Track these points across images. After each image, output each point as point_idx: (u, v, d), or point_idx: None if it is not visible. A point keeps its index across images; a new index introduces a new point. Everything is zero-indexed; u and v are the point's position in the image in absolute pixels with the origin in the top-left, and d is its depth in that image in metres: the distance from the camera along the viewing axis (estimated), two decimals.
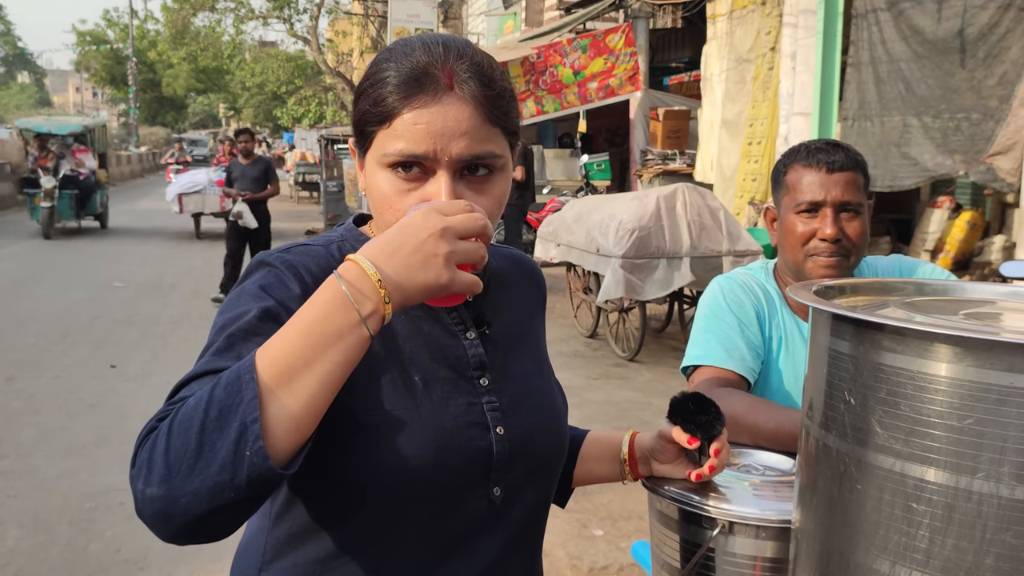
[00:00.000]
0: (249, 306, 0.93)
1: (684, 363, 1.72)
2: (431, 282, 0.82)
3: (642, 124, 11.79)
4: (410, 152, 0.94)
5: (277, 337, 0.81)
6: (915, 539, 0.80)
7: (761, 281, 1.74)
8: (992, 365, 0.74)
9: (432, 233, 0.82)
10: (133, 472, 0.80)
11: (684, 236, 6.32)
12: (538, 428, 1.08)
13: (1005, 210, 8.46)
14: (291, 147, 31.93)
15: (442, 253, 0.82)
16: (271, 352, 0.80)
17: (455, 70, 0.95)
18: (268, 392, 0.78)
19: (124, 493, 4.04)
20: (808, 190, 1.62)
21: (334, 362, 0.80)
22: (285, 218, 17.89)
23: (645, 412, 5.45)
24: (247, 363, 0.80)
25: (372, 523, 0.99)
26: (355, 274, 0.81)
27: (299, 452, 0.81)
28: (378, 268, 0.81)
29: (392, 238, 0.83)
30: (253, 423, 0.76)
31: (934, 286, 1.06)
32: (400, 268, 0.81)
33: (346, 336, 0.80)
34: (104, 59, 46.55)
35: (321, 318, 0.80)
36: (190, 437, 0.77)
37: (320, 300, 0.81)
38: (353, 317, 0.80)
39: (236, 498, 0.77)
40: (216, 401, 0.78)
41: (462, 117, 0.94)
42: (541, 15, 17.45)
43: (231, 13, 25.69)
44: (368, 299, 0.81)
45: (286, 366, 0.79)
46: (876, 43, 7.59)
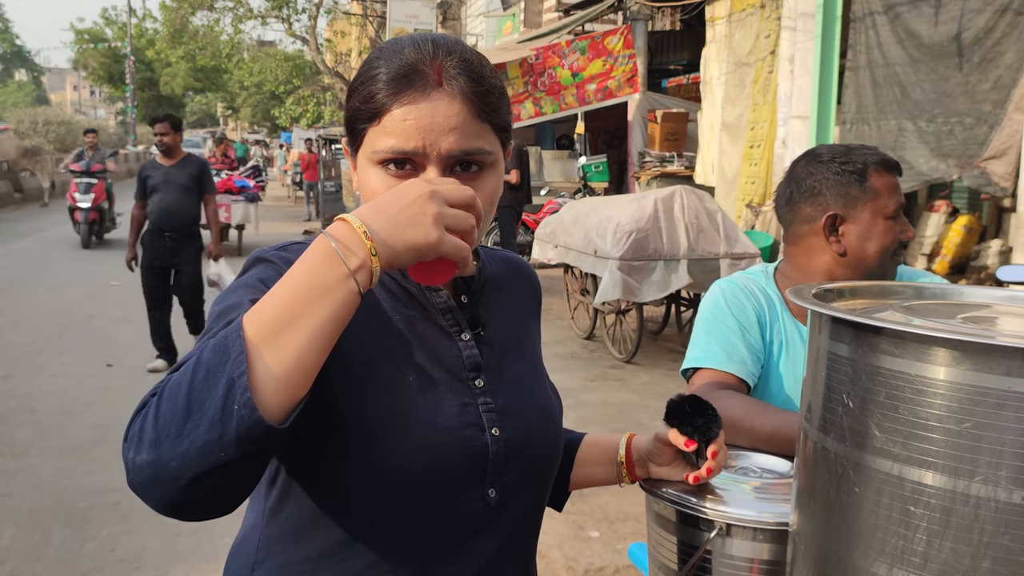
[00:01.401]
0: (245, 296, 0.93)
1: (684, 365, 1.72)
2: (419, 239, 0.82)
3: (640, 126, 11.80)
4: (400, 148, 0.95)
5: (266, 296, 0.81)
6: (913, 542, 0.80)
7: (762, 285, 1.74)
8: (990, 369, 0.74)
9: (421, 195, 0.83)
10: (125, 445, 0.79)
11: (681, 238, 6.33)
12: (533, 430, 1.08)
13: (1002, 214, 8.48)
14: (283, 146, 31.92)
15: (431, 213, 0.82)
16: (258, 310, 0.80)
17: (444, 66, 0.96)
18: (255, 349, 0.77)
19: (120, 492, 4.04)
20: (896, 195, 1.65)
21: (323, 317, 0.79)
22: (282, 218, 17.88)
23: (642, 414, 5.45)
24: (235, 324, 0.79)
25: (366, 523, 0.98)
26: (343, 230, 0.81)
27: (291, 410, 0.80)
28: (365, 224, 0.81)
29: (381, 199, 0.84)
30: (240, 376, 0.75)
31: (932, 290, 1.06)
32: (388, 224, 0.82)
33: (334, 290, 0.79)
34: (102, 57, 46.50)
35: (308, 273, 0.80)
36: (178, 400, 0.76)
37: (308, 257, 0.81)
38: (341, 270, 0.79)
39: (226, 457, 0.75)
40: (204, 362, 0.77)
41: (451, 112, 0.95)
42: (540, 16, 17.46)
43: (230, 12, 25.70)
44: (355, 253, 0.80)
45: (273, 321, 0.78)
46: (873, 47, 7.61)
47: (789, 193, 1.72)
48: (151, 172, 6.24)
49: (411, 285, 1.05)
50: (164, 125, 6.17)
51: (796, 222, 1.72)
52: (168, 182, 6.15)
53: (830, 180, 1.65)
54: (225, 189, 11.78)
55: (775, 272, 1.78)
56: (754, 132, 9.52)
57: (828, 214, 1.65)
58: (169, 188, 6.14)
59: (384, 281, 1.04)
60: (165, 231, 6.17)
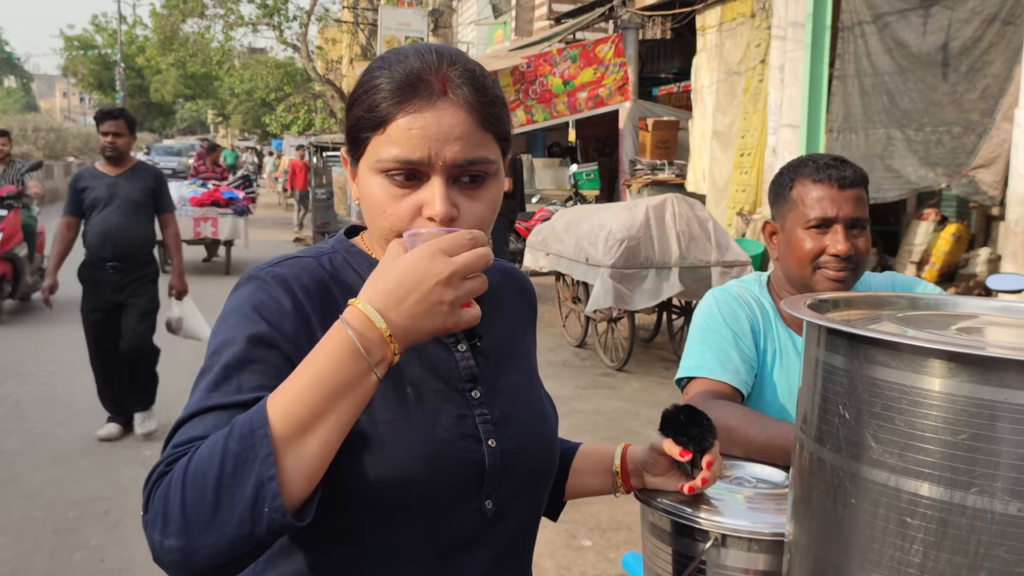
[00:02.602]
0: (241, 331, 0.94)
1: (679, 374, 1.73)
2: (436, 328, 0.84)
3: (631, 134, 11.84)
4: (405, 158, 0.94)
5: (289, 387, 0.82)
6: (909, 553, 0.80)
7: (755, 294, 1.75)
8: (986, 380, 0.75)
9: (439, 280, 0.82)
10: (147, 518, 0.83)
11: (673, 246, 6.34)
12: (529, 440, 1.08)
13: (990, 223, 8.53)
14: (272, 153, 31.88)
15: (449, 300, 0.83)
16: (283, 404, 0.81)
17: (448, 76, 0.96)
18: (282, 446, 0.80)
19: (109, 502, 4.01)
20: (819, 206, 1.62)
21: (346, 412, 0.82)
22: (272, 226, 17.85)
23: (634, 422, 5.45)
24: (260, 416, 0.81)
25: (362, 535, 0.98)
26: (363, 324, 0.82)
27: (311, 498, 0.84)
28: (385, 319, 0.82)
29: (398, 283, 0.83)
30: (270, 481, 0.78)
31: (926, 300, 1.07)
32: (406, 317, 0.83)
33: (356, 386, 0.82)
34: (92, 64, 46.35)
35: (332, 370, 0.81)
36: (206, 491, 0.79)
37: (329, 351, 0.82)
38: (363, 366, 0.82)
39: (253, 547, 0.81)
40: (231, 455, 0.79)
41: (456, 122, 0.95)
42: (531, 25, 17.51)
43: (220, 20, 25.66)
44: (378, 350, 0.82)
45: (299, 419, 0.81)
46: (862, 56, 7.66)
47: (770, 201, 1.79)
48: (90, 183, 4.75)
49: None
50: (118, 123, 4.68)
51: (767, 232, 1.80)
52: (114, 197, 4.70)
53: (772, 190, 1.72)
54: (212, 201, 11.10)
55: (768, 281, 1.79)
56: (745, 140, 9.56)
57: (765, 221, 1.74)
58: (115, 205, 4.70)
59: None
60: (108, 261, 4.71)
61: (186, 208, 10.77)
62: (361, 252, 1.07)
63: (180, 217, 10.81)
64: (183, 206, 10.71)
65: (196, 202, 11.01)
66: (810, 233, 1.63)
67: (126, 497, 4.06)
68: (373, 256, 1.07)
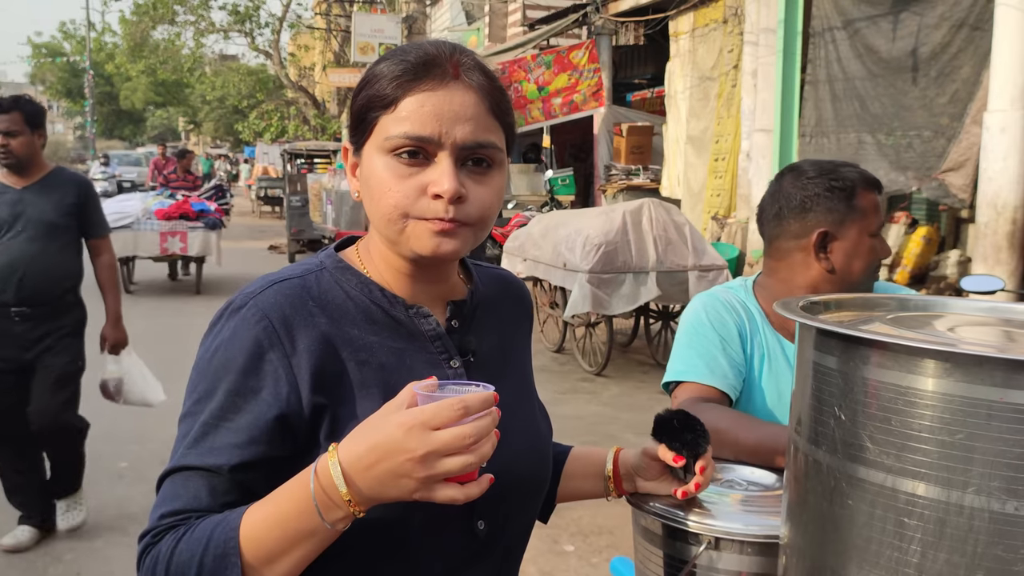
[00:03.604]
0: (220, 382, 0.95)
1: (666, 378, 1.72)
2: (403, 497, 0.85)
3: (606, 139, 11.90)
4: (415, 134, 0.94)
5: (260, 516, 0.87)
6: (907, 554, 0.80)
7: (742, 299, 1.75)
8: (982, 380, 0.75)
9: (410, 458, 0.81)
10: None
11: (650, 251, 6.37)
12: (522, 458, 1.07)
13: (959, 225, 8.66)
14: (247, 161, 31.61)
15: (418, 477, 0.82)
16: (253, 532, 0.87)
17: (461, 61, 0.98)
18: (250, 570, 0.87)
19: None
20: (878, 215, 1.66)
21: (308, 550, 0.87)
22: (247, 234, 17.71)
23: (613, 426, 5.46)
24: (233, 542, 0.86)
25: (354, 561, 0.96)
26: (327, 483, 0.84)
27: None
28: (349, 484, 0.83)
29: (373, 447, 0.83)
30: None
31: (915, 302, 1.08)
32: (373, 484, 0.84)
33: (316, 535, 0.86)
34: (60, 72, 45.87)
35: (295, 517, 0.86)
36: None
37: (295, 496, 0.86)
38: (321, 522, 0.85)
39: None
40: (207, 569, 0.87)
41: (467, 103, 0.96)
42: (505, 31, 17.55)
43: (191, 26, 25.50)
44: (337, 509, 0.85)
45: (266, 551, 0.87)
46: (833, 61, 7.75)
47: (778, 208, 1.70)
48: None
49: (399, 312, 1.03)
50: (11, 117, 3.44)
51: (783, 237, 1.70)
52: (19, 218, 3.48)
53: (820, 197, 1.65)
54: (181, 214, 10.09)
55: (754, 286, 1.79)
56: (719, 145, 9.64)
57: (819, 231, 1.65)
58: (20, 228, 3.47)
59: (372, 313, 1.02)
60: (11, 306, 3.47)
61: (151, 222, 9.94)
62: (350, 268, 1.04)
63: (145, 231, 9.94)
64: (148, 219, 9.95)
65: (163, 215, 10.02)
66: (873, 241, 1.66)
67: (102, 510, 4.00)
68: (365, 271, 1.04)
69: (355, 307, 1.01)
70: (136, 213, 9.92)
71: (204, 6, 24.50)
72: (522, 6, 16.00)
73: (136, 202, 10.33)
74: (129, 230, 9.75)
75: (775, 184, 1.73)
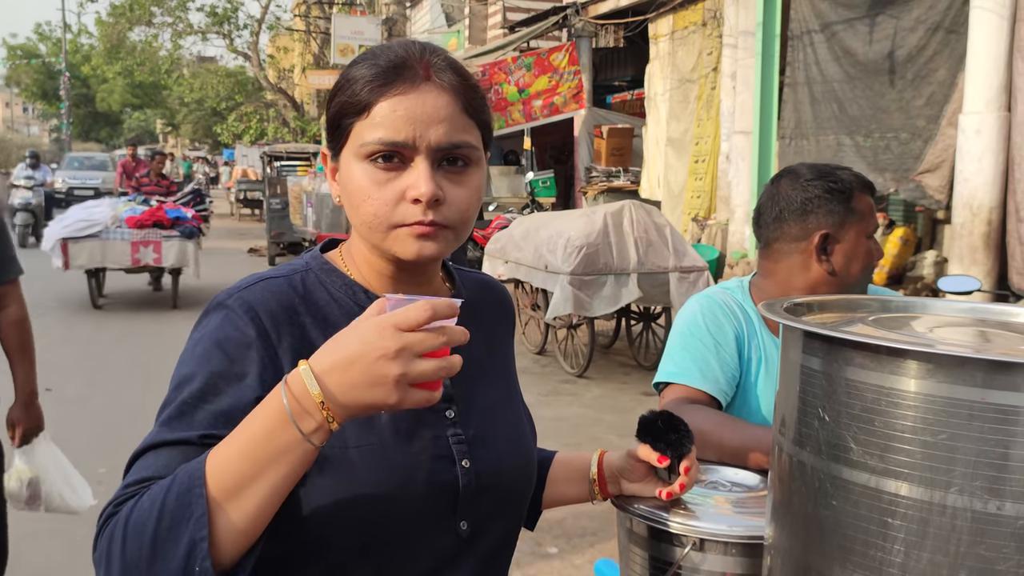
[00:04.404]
0: (203, 366, 0.93)
1: (657, 379, 1.71)
2: (378, 402, 0.81)
3: (586, 141, 11.93)
4: (389, 139, 0.94)
5: (226, 448, 0.82)
6: (891, 553, 0.81)
7: (739, 300, 1.73)
8: (964, 381, 0.76)
9: (384, 355, 0.79)
10: (95, 556, 0.84)
11: (631, 253, 6.39)
12: (505, 460, 1.07)
13: (936, 226, 8.74)
14: (227, 163, 31.34)
15: (392, 375, 0.79)
16: (219, 465, 0.81)
17: (432, 62, 0.97)
18: (216, 506, 0.80)
19: (61, 520, 3.90)
20: (874, 217, 1.69)
21: (280, 475, 0.81)
22: (227, 236, 17.60)
23: (595, 428, 5.47)
24: (198, 473, 0.81)
25: (335, 562, 0.96)
26: (299, 389, 0.80)
27: (249, 553, 0.83)
28: (323, 386, 0.80)
29: (343, 350, 0.81)
30: (201, 541, 0.79)
31: (897, 303, 1.09)
32: (345, 387, 0.80)
33: (289, 452, 0.81)
34: (36, 73, 45.35)
35: (265, 435, 0.81)
36: (144, 542, 0.81)
37: (265, 414, 0.82)
38: (296, 434, 0.80)
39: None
40: (168, 511, 0.80)
41: (440, 104, 0.96)
42: (485, 33, 17.55)
43: (168, 28, 25.33)
44: (311, 417, 0.80)
45: (232, 482, 0.81)
46: (811, 64, 7.82)
47: (778, 211, 1.69)
48: None
49: None
50: None
51: (782, 240, 1.70)
52: None
53: (820, 199, 1.66)
54: (154, 222, 9.15)
55: (750, 287, 1.77)
56: (698, 147, 9.68)
57: (821, 233, 1.66)
58: None
59: (354, 314, 1.00)
60: None
61: (122, 230, 9.01)
62: (335, 270, 1.04)
63: (115, 241, 8.82)
64: (118, 228, 9.00)
65: (135, 223, 9.08)
66: (869, 243, 1.69)
67: (80, 516, 3.95)
68: (348, 273, 1.05)
69: (339, 308, 1.01)
70: (105, 221, 9.03)
71: (181, 7, 24.36)
72: (502, 8, 16.01)
73: (105, 208, 9.40)
74: (97, 239, 8.91)
75: (772, 187, 1.73)
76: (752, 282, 1.78)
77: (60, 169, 23.92)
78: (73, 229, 8.79)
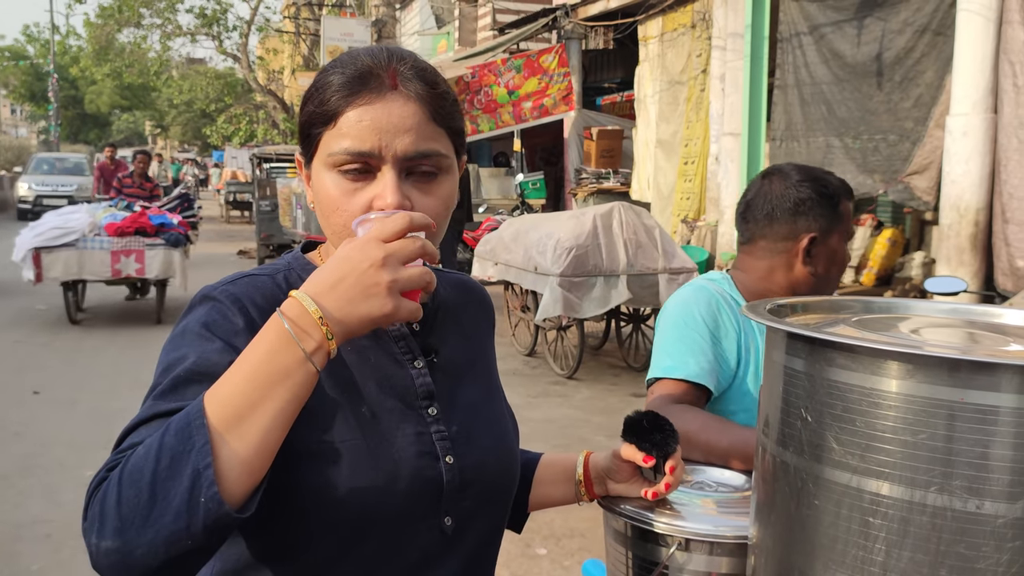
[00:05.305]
0: (193, 348, 0.92)
1: (652, 374, 1.68)
2: (374, 313, 0.82)
3: (576, 143, 11.95)
4: (355, 149, 0.94)
5: (224, 379, 0.81)
6: (872, 552, 0.82)
7: (728, 291, 1.74)
8: (943, 381, 0.77)
9: (373, 263, 0.81)
10: (85, 525, 0.79)
11: (621, 254, 6.40)
12: (488, 456, 1.07)
13: (924, 227, 8.79)
14: (217, 165, 31.19)
15: (384, 282, 0.81)
16: (219, 395, 0.80)
17: (398, 70, 0.97)
18: (218, 436, 0.78)
19: (50, 525, 3.89)
20: (852, 222, 1.74)
21: (283, 400, 0.80)
22: (216, 238, 17.54)
23: (584, 429, 5.47)
24: (196, 408, 0.79)
25: (320, 558, 0.96)
26: (296, 311, 0.81)
27: (254, 493, 0.81)
28: (319, 304, 0.81)
29: (332, 271, 0.82)
30: (206, 468, 0.76)
31: (880, 304, 1.09)
32: (342, 302, 0.81)
33: (292, 374, 0.80)
34: (23, 75, 45.10)
35: (266, 358, 0.80)
36: (142, 487, 0.77)
37: (264, 339, 0.81)
38: (297, 354, 0.80)
39: (193, 545, 0.77)
40: (167, 448, 0.77)
41: (406, 113, 0.95)
42: (474, 35, 17.56)
43: (157, 29, 25.23)
44: (310, 336, 0.80)
45: (234, 408, 0.79)
46: (800, 66, 7.85)
47: (769, 209, 1.70)
48: None
49: None
50: None
51: (769, 238, 1.71)
52: None
53: (812, 203, 1.68)
54: (137, 229, 8.35)
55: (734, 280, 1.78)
56: (688, 149, 9.71)
57: (810, 236, 1.68)
58: None
59: None
60: None
61: (101, 239, 8.22)
62: (316, 268, 1.06)
63: (93, 250, 8.10)
64: (96, 236, 8.23)
65: (115, 230, 8.26)
66: (846, 247, 1.73)
67: (68, 519, 3.94)
68: None
69: None
70: (82, 228, 8.18)
71: (170, 9, 24.28)
72: (492, 10, 16.02)
73: (83, 215, 8.50)
74: (74, 248, 8.08)
75: (763, 185, 1.74)
76: (733, 276, 1.79)
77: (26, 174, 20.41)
78: (46, 238, 8.06)
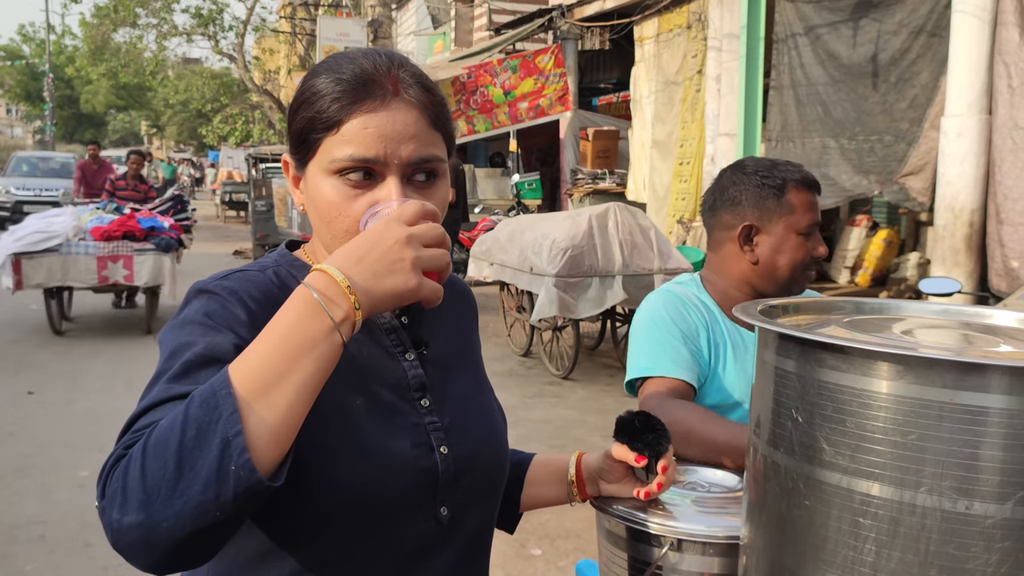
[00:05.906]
0: (200, 335, 0.91)
1: (631, 375, 1.72)
2: (400, 287, 0.82)
3: (572, 144, 11.95)
4: (361, 156, 0.95)
5: (248, 352, 0.81)
6: (862, 553, 0.82)
7: (695, 293, 1.79)
8: (932, 382, 0.77)
9: (397, 240, 0.83)
10: (104, 503, 0.77)
11: (616, 255, 6.40)
12: (481, 446, 1.09)
13: (919, 228, 8.80)
14: (212, 166, 31.13)
15: (408, 258, 0.82)
16: (246, 365, 0.79)
17: (400, 77, 0.98)
18: (246, 405, 0.77)
19: (45, 526, 3.88)
20: (811, 213, 1.71)
21: (310, 371, 0.80)
22: (212, 238, 17.52)
23: (580, 429, 5.47)
24: (221, 379, 0.78)
25: (320, 550, 0.97)
26: (324, 282, 0.81)
27: (283, 463, 0.80)
28: (346, 275, 0.81)
29: (357, 246, 0.83)
30: (236, 436, 0.75)
31: (871, 305, 1.10)
32: (368, 274, 0.82)
33: (319, 344, 0.80)
34: (19, 75, 44.99)
35: (294, 327, 0.80)
36: (168, 458, 0.75)
37: (292, 309, 0.81)
38: (326, 324, 0.80)
39: (221, 516, 0.76)
40: (193, 419, 0.76)
41: (410, 120, 0.96)
42: (471, 35, 17.56)
43: (153, 29, 25.17)
44: (339, 305, 0.81)
45: (262, 377, 0.78)
46: (796, 67, 7.86)
47: (712, 200, 1.79)
48: None
49: None
50: None
51: (717, 229, 1.79)
52: None
53: (750, 191, 1.72)
54: (124, 233, 7.76)
55: (702, 280, 1.83)
56: (683, 149, 9.72)
57: (744, 224, 1.72)
58: None
59: None
60: None
61: (86, 243, 7.62)
62: (304, 265, 1.06)
63: (78, 256, 7.55)
64: (81, 240, 7.64)
65: (101, 234, 7.68)
66: (801, 239, 1.70)
67: (63, 520, 3.93)
68: None
69: None
70: (66, 232, 7.59)
71: (166, 9, 24.21)
72: (488, 11, 16.03)
73: (67, 218, 7.89)
74: (57, 254, 7.49)
75: (717, 177, 1.81)
76: (702, 275, 1.84)
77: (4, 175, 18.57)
78: (28, 242, 7.44)
